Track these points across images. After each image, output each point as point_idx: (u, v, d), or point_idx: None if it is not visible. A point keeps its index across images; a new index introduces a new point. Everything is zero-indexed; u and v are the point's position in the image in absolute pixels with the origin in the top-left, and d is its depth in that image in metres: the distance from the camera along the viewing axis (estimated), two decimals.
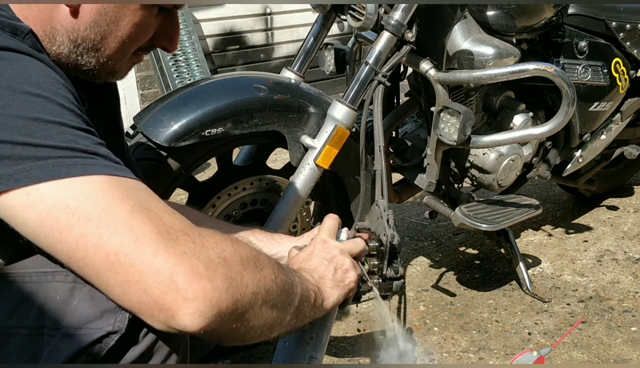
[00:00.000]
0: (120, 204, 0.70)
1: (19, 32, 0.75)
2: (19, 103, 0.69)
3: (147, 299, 0.70)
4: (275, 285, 0.82)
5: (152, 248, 0.70)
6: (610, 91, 2.05)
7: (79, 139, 0.72)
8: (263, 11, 4.28)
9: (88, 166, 0.71)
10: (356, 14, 1.50)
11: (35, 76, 0.72)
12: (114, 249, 0.69)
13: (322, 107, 1.57)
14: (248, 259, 0.79)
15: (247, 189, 1.63)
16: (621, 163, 2.61)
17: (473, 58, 1.64)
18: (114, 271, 0.70)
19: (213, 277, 0.72)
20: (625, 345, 1.76)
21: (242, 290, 0.75)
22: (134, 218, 0.70)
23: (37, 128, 0.69)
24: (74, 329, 0.73)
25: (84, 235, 0.69)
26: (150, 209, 0.72)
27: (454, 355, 1.73)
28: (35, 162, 0.68)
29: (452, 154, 1.89)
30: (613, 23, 2.00)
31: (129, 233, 0.69)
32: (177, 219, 0.75)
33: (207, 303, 0.70)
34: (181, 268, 0.70)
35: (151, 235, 0.70)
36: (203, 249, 0.74)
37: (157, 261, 0.69)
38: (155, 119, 1.42)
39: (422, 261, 2.27)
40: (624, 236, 2.41)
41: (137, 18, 0.86)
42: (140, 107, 3.77)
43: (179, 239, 0.72)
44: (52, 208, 0.69)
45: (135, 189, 0.74)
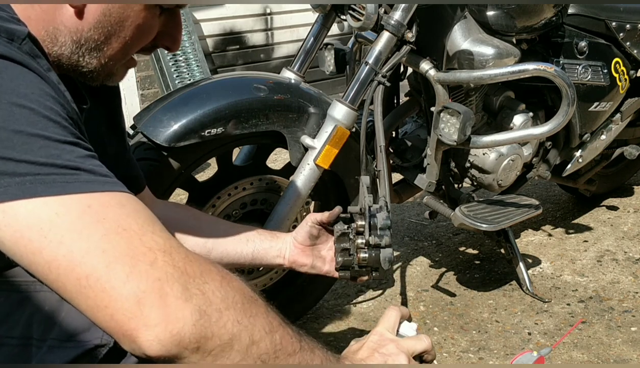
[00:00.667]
0: (95, 226, 0.68)
1: (15, 38, 0.73)
2: (2, 114, 0.68)
3: (113, 324, 0.69)
4: (269, 338, 0.76)
5: (123, 273, 0.68)
6: (610, 91, 2.05)
7: (62, 153, 0.70)
8: (263, 11, 4.28)
9: (67, 184, 0.69)
10: (356, 14, 1.50)
11: (24, 87, 0.70)
12: (85, 273, 0.67)
13: (322, 107, 1.57)
14: (235, 300, 0.74)
15: (247, 189, 1.63)
16: (621, 163, 2.61)
17: (473, 58, 1.64)
18: (85, 295, 0.68)
19: (182, 307, 0.69)
20: (625, 345, 1.76)
21: (216, 329, 0.71)
22: (108, 240, 0.68)
23: (19, 141, 0.67)
24: (61, 341, 0.72)
25: (55, 258, 0.67)
26: (128, 230, 0.70)
27: (454, 355, 1.73)
28: (13, 178, 0.67)
29: (452, 154, 1.89)
30: (613, 23, 2.00)
31: (101, 257, 0.68)
32: (160, 237, 0.72)
33: (167, 332, 0.68)
34: (150, 295, 0.68)
35: (125, 258, 0.68)
36: (182, 275, 0.70)
37: (127, 287, 0.68)
38: (155, 119, 1.42)
39: (422, 261, 2.27)
40: (624, 236, 2.41)
41: (141, 19, 0.85)
42: (140, 107, 3.77)
43: (156, 261, 0.69)
44: (25, 229, 0.67)
45: (116, 206, 0.71)
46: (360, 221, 1.16)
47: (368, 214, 1.15)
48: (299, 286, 1.80)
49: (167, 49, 0.94)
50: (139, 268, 0.68)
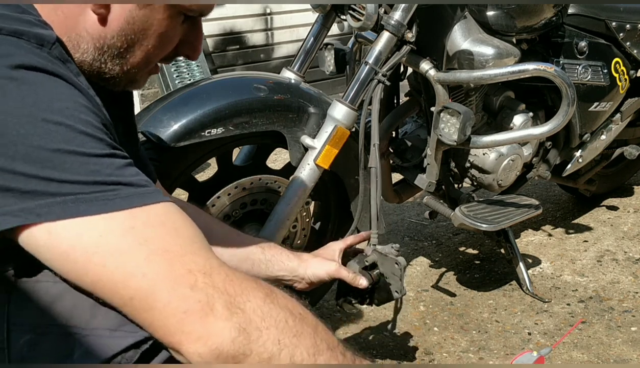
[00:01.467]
0: (138, 249, 0.70)
1: (45, 43, 0.74)
2: (40, 132, 0.68)
3: (157, 335, 0.72)
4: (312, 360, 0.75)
5: (164, 296, 0.70)
6: (610, 91, 2.05)
7: (101, 168, 0.71)
8: (263, 11, 4.28)
9: (109, 202, 0.70)
10: (356, 14, 1.50)
11: (58, 101, 0.71)
12: (128, 295, 0.70)
13: (322, 107, 1.57)
14: (279, 318, 0.75)
15: (247, 189, 1.63)
16: (621, 163, 2.61)
17: (473, 58, 1.64)
18: (130, 313, 0.72)
19: (222, 325, 0.71)
20: (625, 345, 1.76)
21: (255, 347, 0.72)
22: (149, 264, 0.70)
23: (59, 160, 0.68)
24: (111, 331, 0.74)
25: (100, 280, 0.70)
26: (169, 251, 0.72)
27: (454, 355, 1.73)
28: (55, 198, 0.68)
29: (452, 154, 1.89)
30: (613, 23, 2.00)
31: (144, 281, 0.70)
32: (200, 256, 0.73)
33: (207, 347, 0.70)
34: (192, 316, 0.70)
35: (166, 281, 0.70)
36: (222, 295, 0.72)
37: (168, 310, 0.70)
38: (155, 119, 1.42)
39: (422, 261, 2.27)
40: (624, 236, 2.41)
41: (164, 27, 0.85)
42: (140, 107, 3.77)
43: (197, 284, 0.71)
44: (71, 251, 0.69)
45: (158, 224, 0.73)
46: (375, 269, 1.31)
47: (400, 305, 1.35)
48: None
49: (187, 58, 0.94)
50: (180, 290, 0.70)
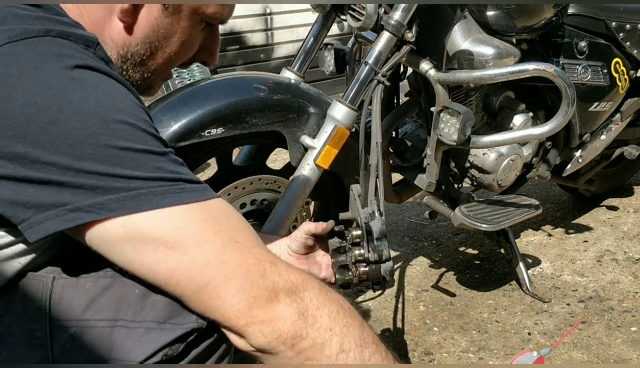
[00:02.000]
0: (214, 239, 0.74)
1: (90, 43, 0.75)
2: (106, 131, 0.70)
3: (223, 321, 0.76)
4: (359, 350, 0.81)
5: (238, 283, 0.75)
6: (610, 91, 2.05)
7: (164, 165, 0.74)
8: (263, 11, 4.28)
9: (177, 194, 0.73)
10: (356, 14, 1.50)
11: (119, 101, 0.73)
12: (204, 281, 0.74)
13: (322, 107, 1.57)
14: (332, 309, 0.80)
15: (247, 189, 1.63)
16: (621, 163, 2.61)
17: (473, 58, 1.64)
18: (200, 298, 0.75)
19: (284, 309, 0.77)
20: (625, 345, 1.76)
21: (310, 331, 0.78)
22: (225, 253, 0.75)
23: (127, 158, 0.71)
24: (159, 323, 0.76)
25: (178, 267, 0.73)
26: (240, 242, 0.76)
27: (454, 355, 1.73)
28: (127, 192, 0.70)
29: (452, 154, 1.89)
30: (613, 23, 2.00)
31: (220, 268, 0.74)
32: (264, 248, 0.79)
33: (270, 326, 0.76)
34: (260, 301, 0.75)
35: (240, 269, 0.75)
36: (286, 283, 0.78)
37: (239, 295, 0.75)
38: (155, 119, 1.41)
39: (422, 261, 2.27)
40: (624, 236, 2.41)
41: (187, 35, 0.87)
42: None
43: (265, 272, 0.76)
44: (151, 241, 0.72)
45: (224, 219, 0.77)
46: (355, 231, 1.14)
47: (364, 229, 1.13)
48: None
49: (204, 64, 0.97)
50: (252, 278, 0.75)
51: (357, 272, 1.13)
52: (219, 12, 0.88)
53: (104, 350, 0.74)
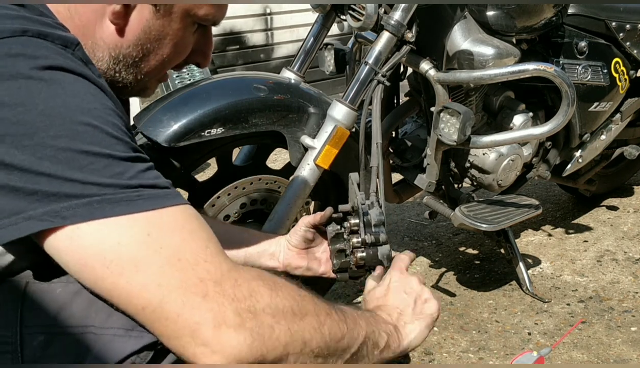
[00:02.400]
0: (153, 258, 0.71)
1: (69, 44, 0.74)
2: (69, 133, 0.69)
3: (171, 346, 0.73)
4: (318, 333, 0.80)
5: (176, 307, 0.71)
6: (610, 91, 2.05)
7: (125, 171, 0.72)
8: (263, 11, 4.28)
9: (132, 203, 0.71)
10: (356, 14, 1.50)
11: (87, 102, 0.72)
12: (141, 304, 0.71)
13: (322, 107, 1.57)
14: (285, 309, 0.78)
15: (247, 189, 1.63)
16: (621, 163, 2.61)
17: (473, 58, 1.64)
18: (144, 322, 0.73)
19: (236, 334, 0.72)
20: (625, 345, 1.76)
21: (270, 344, 0.74)
22: (163, 273, 0.71)
23: (85, 162, 0.69)
24: (126, 330, 0.75)
25: (116, 288, 0.71)
26: (182, 260, 0.72)
27: (454, 355, 1.73)
28: (80, 199, 0.69)
29: (452, 154, 1.89)
30: (613, 23, 2.00)
31: (157, 291, 0.71)
32: (212, 263, 0.74)
33: (225, 359, 0.71)
34: (204, 326, 0.71)
35: (178, 291, 0.71)
36: (232, 302, 0.73)
37: (181, 319, 0.71)
38: (155, 119, 1.42)
39: (422, 261, 2.27)
40: (624, 236, 2.41)
41: (179, 37, 0.87)
42: (140, 107, 3.76)
43: (208, 294, 0.72)
44: (90, 257, 0.70)
45: (175, 230, 0.74)
46: (353, 219, 1.14)
47: (361, 212, 1.13)
48: None
49: (197, 66, 0.96)
50: (192, 301, 0.71)
51: (355, 258, 1.12)
52: (211, 13, 0.88)
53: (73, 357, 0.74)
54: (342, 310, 0.86)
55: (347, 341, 0.83)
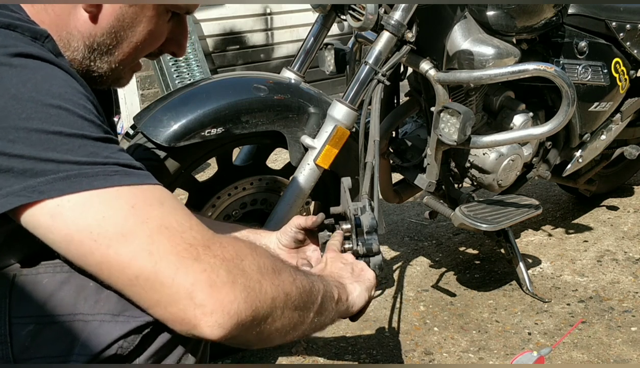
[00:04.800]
0: (141, 228, 0.72)
1: (39, 36, 0.76)
2: (41, 116, 0.70)
3: (168, 316, 0.74)
4: (294, 287, 0.84)
5: (170, 271, 0.72)
6: (610, 91, 2.05)
7: (99, 150, 0.73)
8: (263, 11, 4.28)
9: (109, 177, 0.72)
10: (356, 14, 1.50)
11: (57, 86, 0.73)
12: (134, 273, 0.72)
13: (322, 107, 1.57)
14: (266, 266, 0.81)
15: (247, 189, 1.63)
16: (621, 163, 2.62)
17: (473, 58, 1.64)
18: (137, 291, 0.73)
19: (231, 290, 0.74)
20: (625, 345, 1.76)
21: (261, 297, 0.77)
22: (153, 242, 0.72)
23: (59, 142, 0.70)
24: (113, 316, 0.76)
25: (106, 260, 0.72)
26: (170, 228, 0.74)
27: (454, 355, 1.73)
28: (57, 174, 0.70)
29: (452, 154, 1.89)
30: (613, 23, 2.00)
31: (148, 258, 0.72)
32: (198, 232, 0.76)
33: (226, 315, 0.73)
34: (199, 286, 0.72)
35: (170, 257, 0.72)
36: (223, 262, 0.75)
37: (176, 283, 0.72)
38: (155, 119, 1.42)
39: (422, 261, 2.27)
40: (624, 236, 2.41)
41: (152, 24, 0.88)
42: (140, 107, 3.77)
43: (199, 256, 0.74)
44: (75, 232, 0.71)
45: (157, 204, 0.75)
46: (345, 224, 1.14)
47: (353, 223, 1.13)
48: None
49: (173, 55, 0.98)
50: (185, 263, 0.73)
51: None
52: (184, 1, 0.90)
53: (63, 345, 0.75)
54: (300, 270, 0.93)
55: (314, 293, 0.89)
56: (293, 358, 1.71)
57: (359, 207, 1.17)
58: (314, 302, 0.88)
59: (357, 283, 1.02)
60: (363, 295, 1.02)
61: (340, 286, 0.98)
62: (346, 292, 0.99)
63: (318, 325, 0.91)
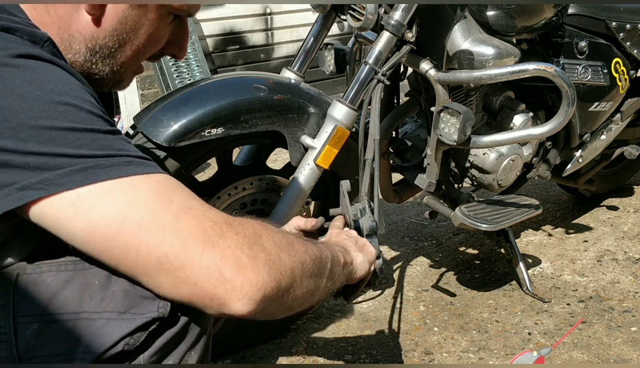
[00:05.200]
0: (167, 208, 0.74)
1: (38, 40, 0.76)
2: (50, 114, 0.71)
3: (198, 291, 0.75)
4: (307, 256, 0.87)
5: (199, 247, 0.74)
6: (610, 91, 2.05)
7: (111, 143, 0.74)
8: (263, 11, 4.28)
9: (124, 167, 0.73)
10: (356, 14, 1.50)
11: (61, 84, 0.74)
12: (164, 251, 0.73)
13: (322, 107, 1.57)
14: (281, 240, 0.84)
15: (247, 189, 1.63)
16: (621, 163, 2.61)
17: (473, 58, 1.64)
18: (164, 271, 0.74)
19: (256, 264, 0.76)
20: (625, 345, 1.76)
21: (282, 269, 0.80)
22: (180, 220, 0.74)
23: (72, 137, 0.71)
24: (119, 313, 0.76)
25: (135, 240, 0.72)
26: (194, 208, 0.76)
27: (454, 355, 1.73)
28: (74, 166, 0.70)
29: (452, 154, 1.89)
30: (613, 23, 2.00)
31: (177, 235, 0.73)
32: (217, 213, 0.79)
33: (254, 288, 0.75)
34: (227, 261, 0.74)
35: (197, 234, 0.74)
36: (245, 239, 0.78)
37: (205, 258, 0.74)
38: (155, 119, 1.42)
39: (422, 261, 2.27)
40: (624, 236, 2.41)
41: (154, 27, 0.89)
42: (140, 107, 3.76)
43: (223, 233, 0.76)
44: (100, 218, 0.71)
45: (176, 186, 0.78)
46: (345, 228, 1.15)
47: (352, 225, 1.14)
48: None
49: (174, 57, 0.98)
50: (212, 240, 0.75)
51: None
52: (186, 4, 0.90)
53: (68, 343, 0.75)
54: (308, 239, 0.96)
55: (324, 259, 0.92)
56: (293, 358, 1.71)
57: (358, 209, 1.18)
58: (325, 267, 0.92)
59: (360, 252, 1.06)
60: (365, 265, 1.05)
61: (344, 252, 1.02)
62: (350, 257, 1.03)
63: (330, 289, 0.95)
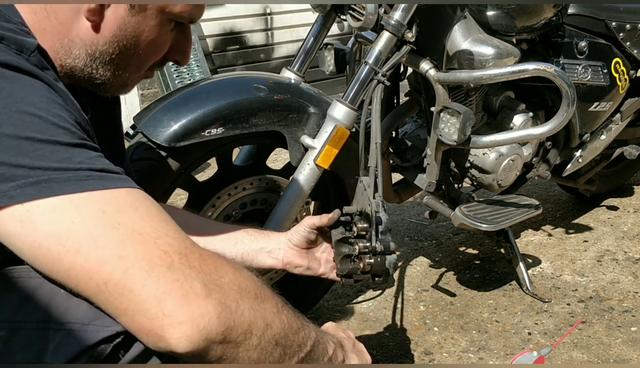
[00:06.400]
0: (111, 233, 0.70)
1: (25, 49, 0.75)
2: (13, 122, 0.69)
3: (134, 326, 0.71)
4: (278, 320, 0.80)
5: (141, 278, 0.70)
6: (610, 91, 2.05)
7: (72, 156, 0.72)
8: (263, 11, 4.28)
9: (81, 182, 0.71)
10: (356, 14, 1.50)
11: (32, 96, 0.72)
12: (103, 279, 0.70)
13: (322, 107, 1.57)
14: (248, 288, 0.78)
15: (247, 189, 1.63)
16: (621, 163, 2.61)
17: (473, 58, 1.64)
18: (105, 299, 0.71)
19: (204, 303, 0.71)
20: (625, 345, 1.76)
21: (236, 318, 0.74)
22: (124, 247, 0.70)
23: (31, 148, 0.69)
24: (83, 325, 0.74)
25: (73, 266, 0.70)
26: (143, 234, 0.72)
27: (454, 355, 1.73)
28: (27, 179, 0.68)
29: (452, 154, 1.89)
30: (613, 23, 2.00)
31: (119, 264, 0.70)
32: (174, 239, 0.74)
33: (195, 328, 0.70)
34: (170, 296, 0.70)
35: (142, 263, 0.70)
36: (199, 274, 0.73)
37: (145, 291, 0.69)
38: (155, 119, 1.42)
39: (422, 261, 2.27)
40: (624, 236, 2.41)
41: (155, 34, 0.87)
42: (140, 107, 3.76)
43: (173, 264, 0.71)
44: (44, 239, 0.69)
45: (130, 209, 0.73)
46: (360, 223, 1.14)
47: (374, 219, 1.13)
48: (299, 287, 1.80)
49: (177, 63, 0.97)
50: (157, 271, 0.70)
51: (362, 263, 1.13)
52: (187, 11, 0.88)
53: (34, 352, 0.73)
54: (293, 308, 0.87)
55: (302, 336, 0.84)
56: None
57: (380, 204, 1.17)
58: (302, 346, 0.84)
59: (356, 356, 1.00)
60: None
61: (338, 345, 0.95)
62: (342, 354, 0.96)
63: None
